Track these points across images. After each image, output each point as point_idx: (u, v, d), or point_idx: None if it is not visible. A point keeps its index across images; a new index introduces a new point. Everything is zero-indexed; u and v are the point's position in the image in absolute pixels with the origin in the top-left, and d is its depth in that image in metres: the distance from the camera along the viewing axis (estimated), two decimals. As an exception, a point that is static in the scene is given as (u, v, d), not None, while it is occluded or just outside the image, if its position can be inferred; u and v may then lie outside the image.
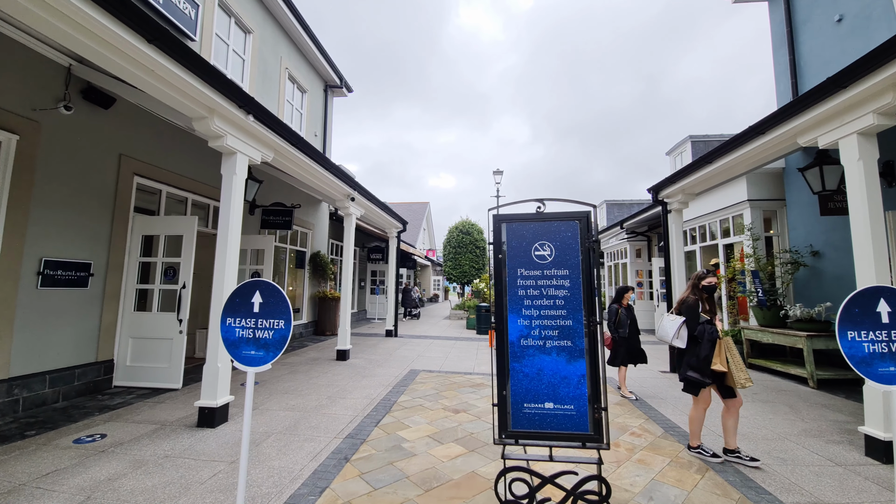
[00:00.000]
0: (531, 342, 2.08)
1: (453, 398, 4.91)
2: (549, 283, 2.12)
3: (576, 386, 2.00)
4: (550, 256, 2.15)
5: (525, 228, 2.18)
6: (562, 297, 2.09)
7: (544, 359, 2.05)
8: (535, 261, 2.16)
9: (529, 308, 2.12)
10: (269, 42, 8.47)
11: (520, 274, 2.16)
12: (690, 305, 3.35)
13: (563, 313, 2.07)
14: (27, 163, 4.07)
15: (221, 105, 3.58)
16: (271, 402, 4.53)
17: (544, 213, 2.17)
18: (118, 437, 3.48)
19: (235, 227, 4.01)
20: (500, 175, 15.55)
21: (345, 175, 6.43)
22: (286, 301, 2.05)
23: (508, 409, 2.05)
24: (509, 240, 2.19)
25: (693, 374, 3.22)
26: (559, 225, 2.15)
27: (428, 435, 3.69)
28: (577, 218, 2.14)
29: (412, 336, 10.63)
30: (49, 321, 4.28)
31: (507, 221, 2.20)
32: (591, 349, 2.02)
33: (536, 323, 2.10)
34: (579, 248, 2.11)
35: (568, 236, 2.13)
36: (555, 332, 2.07)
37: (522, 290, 2.14)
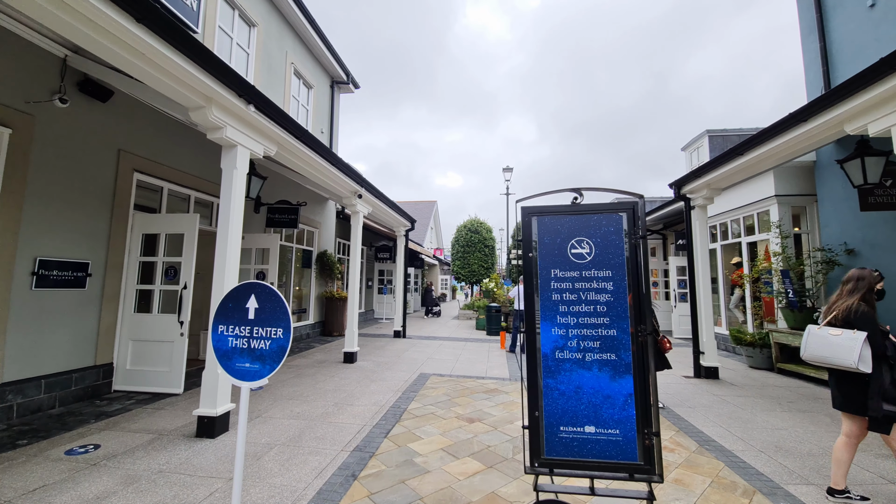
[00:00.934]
0: (568, 355, 1.80)
1: (466, 405, 4.64)
2: (588, 285, 1.84)
3: (621, 407, 1.71)
4: (590, 255, 1.86)
5: (560, 223, 1.89)
6: (604, 302, 1.80)
7: (584, 375, 1.77)
8: (572, 260, 1.87)
9: (565, 315, 1.83)
10: (274, 36, 8.26)
11: (554, 275, 1.87)
12: (868, 316, 2.61)
13: (606, 321, 1.79)
14: (20, 157, 3.88)
15: (220, 94, 3.34)
16: (275, 410, 4.29)
17: (582, 206, 1.89)
18: (112, 449, 3.26)
19: (236, 224, 3.77)
20: (509, 172, 15.22)
21: (352, 171, 6.19)
22: (285, 306, 1.80)
23: (542, 432, 1.77)
24: (541, 236, 1.90)
25: (892, 408, 2.44)
26: (600, 218, 1.86)
27: (441, 448, 3.42)
28: (620, 210, 1.85)
29: (421, 337, 10.37)
30: (45, 323, 4.09)
31: (538, 214, 1.92)
32: (640, 364, 1.73)
33: (574, 332, 1.81)
34: (624, 245, 1.82)
35: (610, 231, 1.84)
36: (596, 344, 1.79)
37: (557, 295, 1.86)
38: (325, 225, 10.36)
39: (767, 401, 5.10)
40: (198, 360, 6.70)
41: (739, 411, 4.60)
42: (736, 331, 7.37)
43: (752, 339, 6.94)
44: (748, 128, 13.42)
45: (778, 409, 4.77)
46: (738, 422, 4.26)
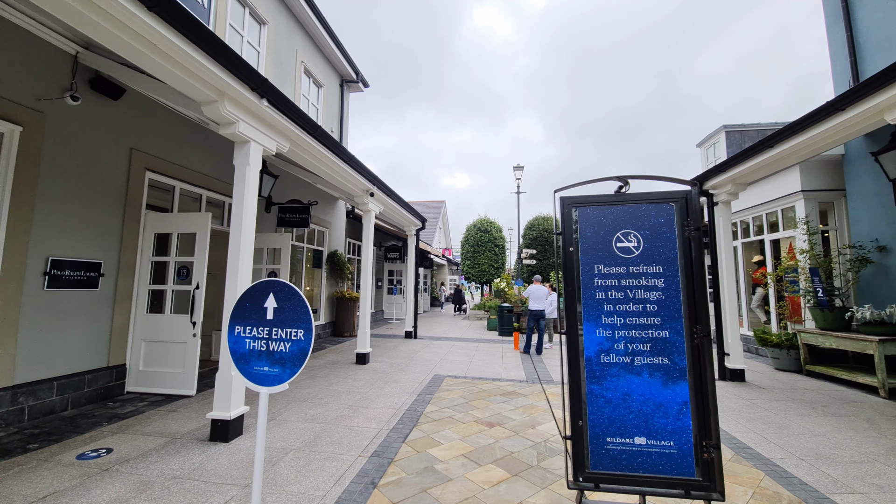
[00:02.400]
0: (615, 359, 1.64)
1: (485, 409, 4.48)
2: (636, 282, 1.68)
3: (676, 416, 1.55)
4: (638, 249, 1.70)
5: (604, 214, 1.74)
6: (654, 300, 1.65)
7: (633, 380, 1.61)
8: (618, 254, 1.72)
9: (611, 315, 1.68)
10: (284, 34, 8.19)
11: (598, 271, 1.72)
12: None
13: (657, 321, 1.63)
14: (31, 156, 3.83)
15: (232, 87, 3.24)
16: (289, 413, 4.18)
17: (628, 195, 1.73)
18: (125, 453, 3.17)
19: (249, 222, 3.67)
20: (520, 170, 15.01)
21: (364, 169, 6.08)
22: (306, 306, 1.67)
23: (586, 443, 1.61)
24: (583, 228, 1.75)
25: None
26: (648, 209, 1.70)
27: (463, 454, 3.28)
28: (671, 199, 1.69)
29: (432, 338, 10.24)
30: (57, 324, 4.03)
31: (579, 205, 1.76)
32: (697, 368, 1.57)
33: (621, 334, 1.65)
34: (676, 238, 1.66)
35: (660, 223, 1.68)
36: (646, 347, 1.63)
37: (601, 292, 1.70)
38: (335, 225, 10.28)
39: (800, 405, 4.87)
40: (210, 360, 6.65)
41: (772, 416, 4.38)
42: (761, 331, 7.11)
43: (779, 339, 6.68)
44: (766, 122, 13.06)
45: (812, 414, 4.54)
46: (773, 427, 4.05)
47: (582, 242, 1.75)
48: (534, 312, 8.05)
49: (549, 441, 3.58)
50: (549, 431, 3.82)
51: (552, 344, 8.96)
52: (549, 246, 19.01)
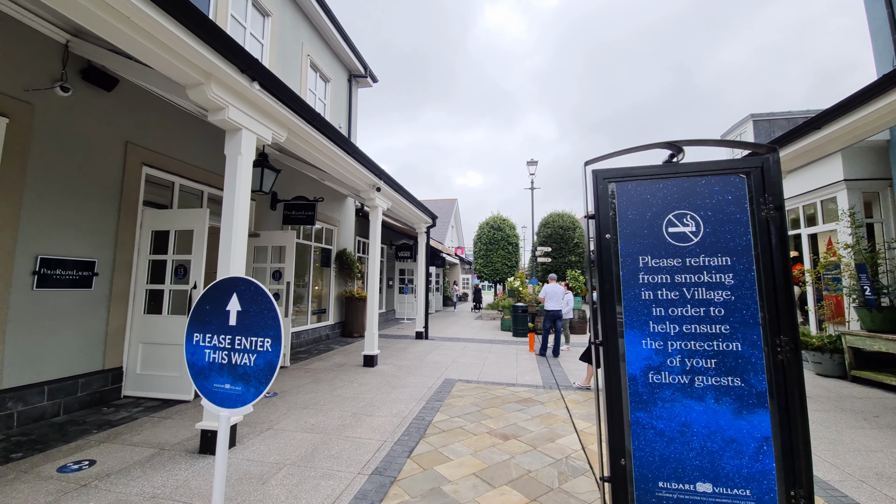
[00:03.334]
0: (668, 378, 1.28)
1: (499, 418, 4.13)
2: (695, 278, 1.31)
3: (753, 456, 1.18)
4: (696, 235, 1.33)
5: (650, 190, 1.37)
6: (720, 302, 1.28)
7: (692, 407, 1.25)
8: (670, 242, 1.35)
9: (662, 321, 1.32)
10: (289, 26, 7.97)
11: (643, 264, 1.35)
12: None
13: (725, 330, 1.26)
14: (19, 149, 3.64)
15: (220, 68, 2.96)
16: (288, 421, 3.91)
17: (682, 165, 1.36)
18: (107, 466, 2.93)
19: (242, 216, 3.40)
20: (534, 165, 14.55)
21: (370, 162, 5.78)
22: (274, 309, 1.35)
23: (630, 489, 1.25)
24: (623, 209, 1.38)
25: None
26: (711, 183, 1.33)
27: (474, 473, 2.93)
28: (741, 170, 1.31)
29: (444, 338, 9.91)
30: (47, 326, 3.84)
31: (618, 180, 1.39)
32: (781, 392, 1.19)
33: (676, 346, 1.29)
34: (749, 220, 1.29)
35: (726, 201, 1.31)
36: (710, 363, 1.26)
37: (648, 292, 1.34)
38: (344, 223, 10.05)
39: (849, 415, 4.37)
40: (214, 362, 6.46)
41: (821, 429, 3.91)
42: (800, 334, 6.55)
43: (821, 343, 6.12)
44: (798, 110, 12.29)
45: (866, 426, 4.06)
46: (824, 442, 3.59)
47: (622, 227, 1.38)
48: (550, 313, 7.64)
49: (570, 458, 3.21)
50: (570, 446, 3.44)
51: (569, 346, 8.53)
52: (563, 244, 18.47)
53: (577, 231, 18.75)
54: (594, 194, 1.40)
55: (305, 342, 8.22)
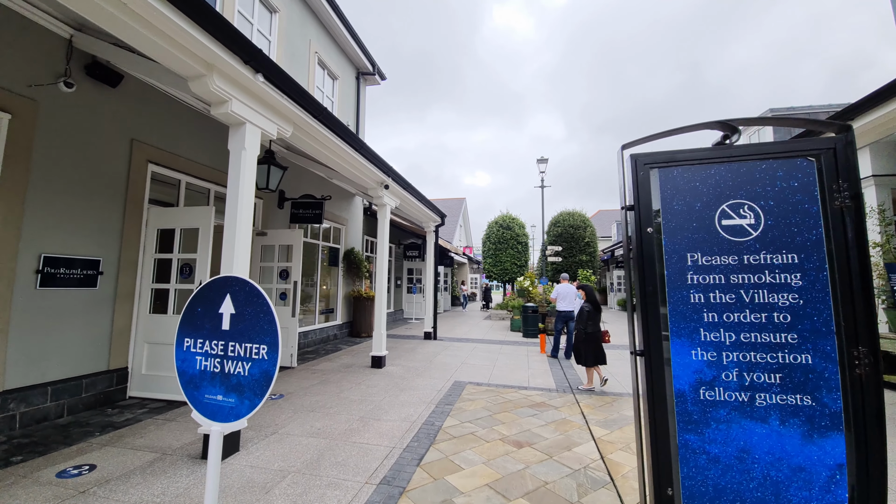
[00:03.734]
0: (723, 395, 1.11)
1: (511, 423, 3.96)
2: (755, 279, 1.13)
3: (825, 487, 1.00)
4: (756, 228, 1.16)
5: (699, 177, 1.19)
6: (786, 306, 1.10)
7: (753, 429, 1.07)
8: (724, 237, 1.17)
9: (715, 328, 1.14)
10: (296, 23, 7.88)
11: (692, 262, 1.18)
12: None
13: (792, 339, 1.08)
14: (22, 146, 3.57)
15: (222, 58, 2.84)
16: (294, 425, 3.79)
17: (738, 148, 1.18)
18: (107, 471, 2.84)
19: (245, 213, 3.28)
20: (544, 163, 14.31)
21: (377, 158, 5.65)
22: (271, 312, 1.22)
23: (679, 522, 1.09)
24: (668, 199, 1.21)
25: None
26: (772, 168, 1.14)
27: (487, 483, 2.77)
28: (809, 152, 1.13)
29: (453, 339, 9.76)
30: (51, 326, 3.78)
31: (661, 165, 1.22)
32: (859, 412, 1.01)
33: (732, 357, 1.12)
34: (819, 211, 1.11)
35: (791, 188, 1.13)
36: (773, 378, 1.08)
37: (699, 294, 1.16)
38: (351, 222, 9.95)
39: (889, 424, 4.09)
40: (221, 362, 6.40)
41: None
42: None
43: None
44: (819, 105, 11.86)
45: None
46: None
47: (667, 220, 1.21)
48: (562, 314, 7.43)
49: (589, 468, 3.03)
50: (587, 455, 3.27)
51: (581, 347, 8.30)
52: (574, 243, 18.19)
53: (587, 230, 18.44)
54: (633, 182, 1.22)
55: (313, 342, 8.13)
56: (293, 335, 6.16)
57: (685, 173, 1.21)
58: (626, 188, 1.27)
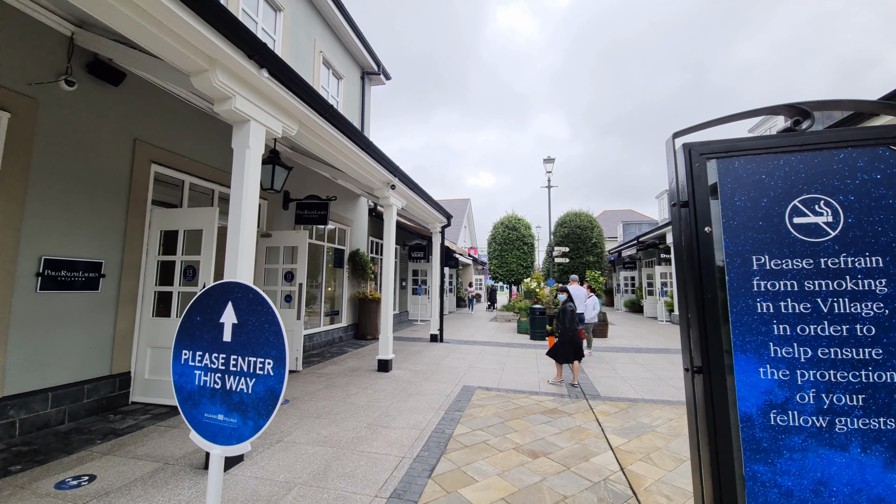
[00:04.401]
0: (797, 419, 0.97)
1: (524, 431, 3.81)
2: (833, 285, 0.99)
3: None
4: (834, 227, 1.02)
5: (766, 168, 1.05)
6: (870, 317, 0.96)
7: (831, 459, 0.94)
8: (797, 237, 1.04)
9: (787, 342, 1.00)
10: (301, 22, 7.79)
11: (758, 266, 1.04)
12: None
13: (878, 355, 0.94)
14: (22, 145, 3.48)
15: (225, 52, 2.73)
16: (300, 432, 3.67)
17: (811, 135, 1.04)
18: (107, 482, 2.73)
19: (250, 214, 3.17)
20: (551, 163, 14.14)
21: (384, 158, 5.53)
22: (277, 321, 1.09)
23: (747, 567, 0.95)
24: (728, 193, 1.06)
25: None
26: (851, 157, 1.00)
27: (503, 498, 2.63)
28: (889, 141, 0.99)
29: (459, 341, 9.62)
30: (52, 330, 3.68)
31: (721, 155, 1.08)
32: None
33: (808, 377, 0.97)
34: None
35: (875, 181, 0.98)
36: (855, 399, 0.94)
37: (767, 303, 1.02)
38: (357, 223, 9.85)
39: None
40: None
41: None
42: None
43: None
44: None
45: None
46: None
47: (728, 218, 1.07)
48: (572, 316, 7.26)
49: (609, 480, 2.88)
50: (606, 466, 3.12)
51: (591, 350, 8.14)
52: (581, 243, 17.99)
53: (595, 231, 18.25)
54: (687, 175, 1.08)
55: (318, 344, 8.03)
56: (298, 338, 6.05)
57: (749, 164, 1.07)
58: (679, 182, 1.13)
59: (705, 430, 1.02)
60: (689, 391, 1.06)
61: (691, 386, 1.06)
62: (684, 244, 1.09)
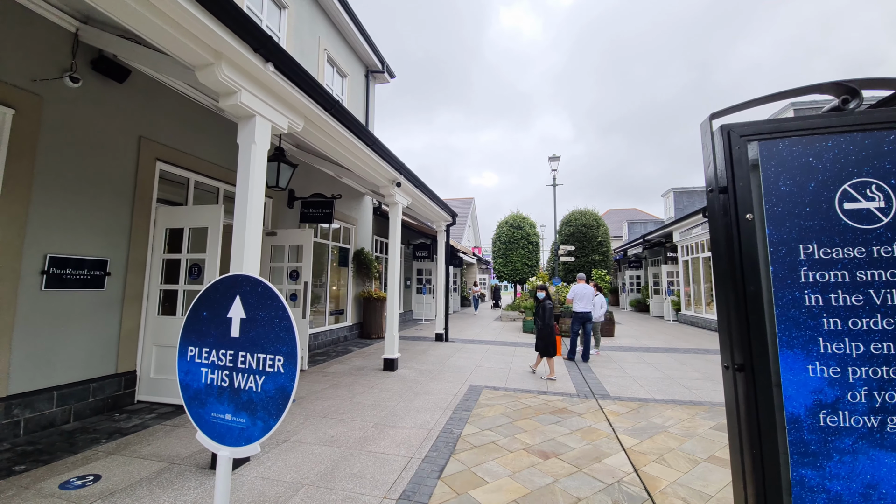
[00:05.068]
0: (848, 420, 0.90)
1: (534, 431, 3.75)
2: (887, 275, 0.92)
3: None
4: (887, 212, 0.94)
5: (813, 150, 0.97)
6: None
7: (882, 461, 0.86)
8: (847, 224, 0.96)
9: (838, 337, 0.93)
10: (305, 19, 7.76)
11: (805, 256, 0.97)
12: None
13: None
14: (27, 143, 3.46)
15: (231, 46, 2.69)
16: (306, 432, 3.62)
17: (860, 114, 0.97)
18: (112, 483, 2.69)
19: (256, 211, 3.12)
20: (556, 161, 14.04)
21: (389, 155, 5.48)
22: (287, 316, 1.04)
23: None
24: (772, 179, 0.99)
25: None
26: (910, 135, 0.94)
27: (515, 500, 2.57)
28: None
29: (465, 340, 9.55)
30: (57, 328, 3.66)
31: (763, 137, 1.00)
32: None
33: (860, 374, 0.90)
34: None
35: (935, 162, 0.91)
36: None
37: (815, 295, 0.95)
38: (361, 222, 9.80)
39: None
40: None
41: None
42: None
43: None
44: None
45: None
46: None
47: (771, 205, 0.99)
48: (579, 314, 7.19)
49: (623, 482, 2.81)
50: (619, 467, 3.04)
51: (598, 349, 8.05)
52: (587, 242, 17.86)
53: (600, 229, 18.11)
54: (726, 159, 1.01)
55: (323, 343, 7.99)
56: (304, 337, 6.01)
57: (794, 146, 0.99)
58: (717, 166, 1.06)
59: (748, 432, 0.95)
60: (729, 391, 0.99)
61: (732, 385, 0.99)
62: (723, 233, 1.02)
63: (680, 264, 14.42)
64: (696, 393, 5.18)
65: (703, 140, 1.05)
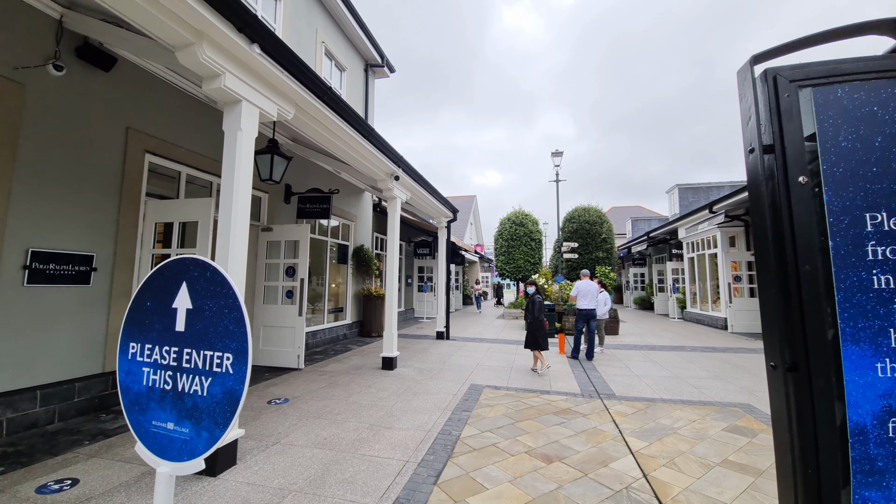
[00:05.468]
0: None
1: (536, 433, 3.57)
2: None
3: None
4: None
5: (878, 98, 0.78)
6: None
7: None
8: None
9: None
10: (302, 11, 7.59)
11: (873, 227, 0.78)
12: None
13: None
14: (7, 133, 3.31)
15: (213, 24, 2.53)
16: (298, 433, 3.47)
17: None
18: (90, 487, 2.55)
19: (242, 202, 2.96)
20: (559, 157, 13.81)
21: (387, 147, 5.31)
22: (238, 306, 0.87)
23: None
24: (829, 133, 0.80)
25: None
26: None
27: (516, 508, 2.40)
28: None
29: (466, 339, 9.38)
30: (41, 326, 3.52)
31: (817, 82, 0.81)
32: None
33: None
34: None
35: None
36: None
37: (887, 276, 0.77)
38: (361, 218, 9.65)
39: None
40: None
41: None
42: None
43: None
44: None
45: None
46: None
47: (830, 164, 0.80)
48: (583, 312, 7.00)
49: (632, 489, 2.63)
50: (627, 472, 2.87)
51: (603, 348, 7.85)
52: (590, 239, 17.63)
53: (604, 226, 17.88)
54: (771, 109, 0.82)
55: (321, 342, 7.85)
56: (300, 335, 5.86)
57: (856, 93, 0.81)
58: (760, 119, 0.88)
59: (800, 445, 0.78)
60: (778, 395, 0.81)
61: (783, 388, 0.81)
62: (768, 202, 0.84)
63: (685, 261, 14.17)
64: (705, 392, 4.98)
65: (740, 90, 0.87)
